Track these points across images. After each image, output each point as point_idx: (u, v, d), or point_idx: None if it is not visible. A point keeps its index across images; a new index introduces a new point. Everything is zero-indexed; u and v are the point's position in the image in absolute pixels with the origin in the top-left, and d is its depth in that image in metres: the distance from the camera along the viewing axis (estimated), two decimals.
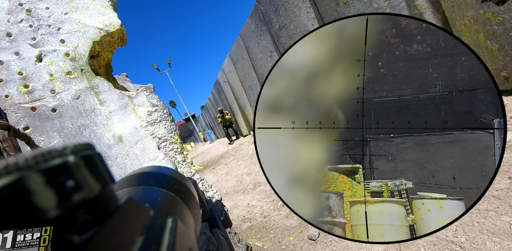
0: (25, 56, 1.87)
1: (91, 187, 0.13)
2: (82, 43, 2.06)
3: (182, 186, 0.29)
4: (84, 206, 0.13)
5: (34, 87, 1.84)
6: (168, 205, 0.24)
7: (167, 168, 0.31)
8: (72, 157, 0.13)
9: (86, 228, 0.13)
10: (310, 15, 4.49)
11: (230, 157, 7.61)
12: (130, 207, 0.17)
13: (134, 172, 0.29)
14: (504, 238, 1.54)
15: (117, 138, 1.92)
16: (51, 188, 0.12)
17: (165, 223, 0.19)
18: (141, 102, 2.07)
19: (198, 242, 0.51)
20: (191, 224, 0.27)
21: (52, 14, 2.04)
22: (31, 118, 1.77)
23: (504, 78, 2.53)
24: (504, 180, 1.98)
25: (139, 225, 0.16)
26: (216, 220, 0.72)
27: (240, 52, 7.29)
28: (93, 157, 0.14)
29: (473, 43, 2.63)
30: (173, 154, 2.11)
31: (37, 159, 0.12)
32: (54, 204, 0.11)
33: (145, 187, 0.25)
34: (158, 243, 0.16)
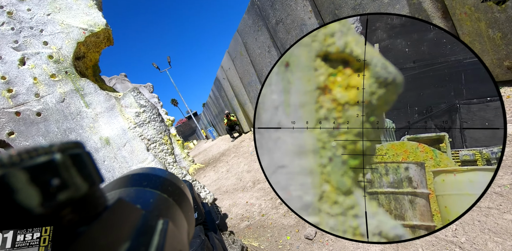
0: (7, 59, 1.83)
1: (78, 186, 0.13)
2: (66, 44, 2.01)
3: (176, 188, 0.29)
4: (71, 205, 0.13)
5: (18, 91, 1.81)
6: (161, 207, 0.24)
7: (162, 169, 0.31)
8: (59, 155, 0.13)
9: (73, 228, 0.13)
10: (307, 8, 4.37)
11: (231, 154, 7.60)
12: (120, 208, 0.16)
13: (128, 173, 0.29)
14: (507, 238, 1.47)
15: (104, 140, 1.88)
16: (36, 186, 0.11)
17: (155, 225, 0.19)
18: (129, 103, 2.03)
19: (192, 246, 0.49)
20: (184, 226, 0.27)
21: (34, 15, 1.99)
22: (16, 123, 1.74)
23: (507, 68, 2.41)
24: (507, 176, 1.89)
25: (128, 226, 0.16)
26: (212, 223, 0.68)
27: (238, 49, 7.20)
28: (81, 155, 0.14)
29: (474, 32, 2.50)
30: (163, 156, 2.07)
31: (22, 156, 0.11)
32: (39, 202, 0.11)
33: (138, 188, 0.25)
34: (147, 244, 0.16)
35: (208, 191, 2.40)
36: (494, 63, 2.49)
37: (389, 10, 3.05)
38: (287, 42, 4.99)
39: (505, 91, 2.58)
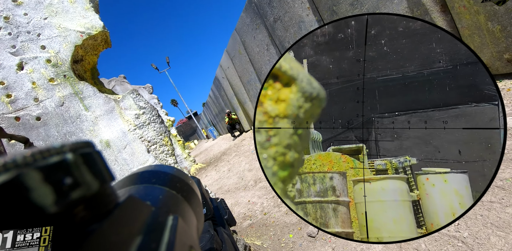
0: (5, 65, 1.83)
1: (90, 185, 0.13)
2: (63, 48, 2.01)
3: (184, 184, 0.30)
4: (83, 203, 0.13)
5: (17, 96, 1.82)
6: (170, 203, 0.24)
7: (170, 166, 0.32)
8: (71, 154, 0.13)
9: (85, 225, 0.13)
10: (305, 5, 4.34)
11: (232, 154, 7.61)
12: (131, 205, 0.17)
13: (136, 171, 0.30)
14: (510, 232, 1.47)
15: (104, 143, 1.89)
16: (49, 185, 0.12)
17: (165, 221, 0.19)
18: (128, 105, 2.03)
19: (202, 240, 0.49)
20: (193, 222, 0.27)
21: (31, 20, 1.98)
22: (16, 128, 1.75)
23: (507, 60, 2.40)
24: (509, 169, 1.88)
25: (139, 223, 0.17)
26: (221, 218, 0.69)
27: (237, 47, 7.18)
28: (92, 155, 0.15)
29: (474, 26, 2.48)
30: (164, 157, 2.07)
31: (35, 157, 0.12)
32: (52, 200, 0.12)
33: (147, 185, 0.26)
34: (158, 240, 0.16)
35: (210, 190, 2.41)
36: (494, 56, 2.47)
37: (387, 5, 3.03)
38: (285, 39, 4.96)
39: (505, 84, 2.56)
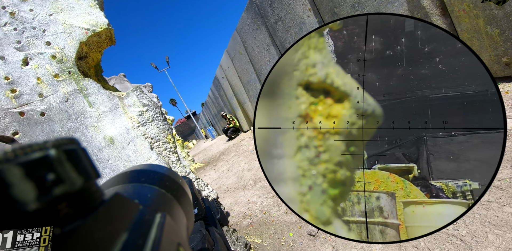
0: (10, 60, 1.84)
1: (73, 181, 0.13)
2: (68, 44, 2.02)
3: (174, 184, 0.30)
4: (67, 199, 0.13)
5: (22, 92, 1.82)
6: (159, 202, 0.24)
7: (160, 166, 0.32)
8: (54, 150, 0.13)
9: (68, 222, 0.13)
10: (306, 7, 4.38)
11: (231, 153, 7.61)
12: (117, 202, 0.17)
13: (126, 170, 0.30)
14: (507, 230, 1.50)
15: (108, 140, 1.90)
16: (31, 181, 0.12)
17: (153, 218, 0.19)
18: (132, 102, 2.04)
19: (193, 240, 0.50)
20: (183, 220, 0.27)
21: (36, 16, 1.99)
22: (20, 123, 1.75)
23: (506, 64, 2.44)
24: (507, 170, 1.92)
25: (126, 220, 0.17)
26: (213, 218, 0.69)
27: (237, 47, 7.20)
28: (76, 151, 0.14)
29: (473, 29, 2.53)
30: (167, 154, 2.08)
31: (16, 153, 0.12)
32: (34, 196, 0.12)
33: (136, 184, 0.26)
34: (144, 237, 0.16)
35: (212, 189, 2.42)
36: (492, 59, 2.52)
37: (388, 7, 3.07)
38: (286, 40, 5.00)
39: (503, 87, 2.61)
